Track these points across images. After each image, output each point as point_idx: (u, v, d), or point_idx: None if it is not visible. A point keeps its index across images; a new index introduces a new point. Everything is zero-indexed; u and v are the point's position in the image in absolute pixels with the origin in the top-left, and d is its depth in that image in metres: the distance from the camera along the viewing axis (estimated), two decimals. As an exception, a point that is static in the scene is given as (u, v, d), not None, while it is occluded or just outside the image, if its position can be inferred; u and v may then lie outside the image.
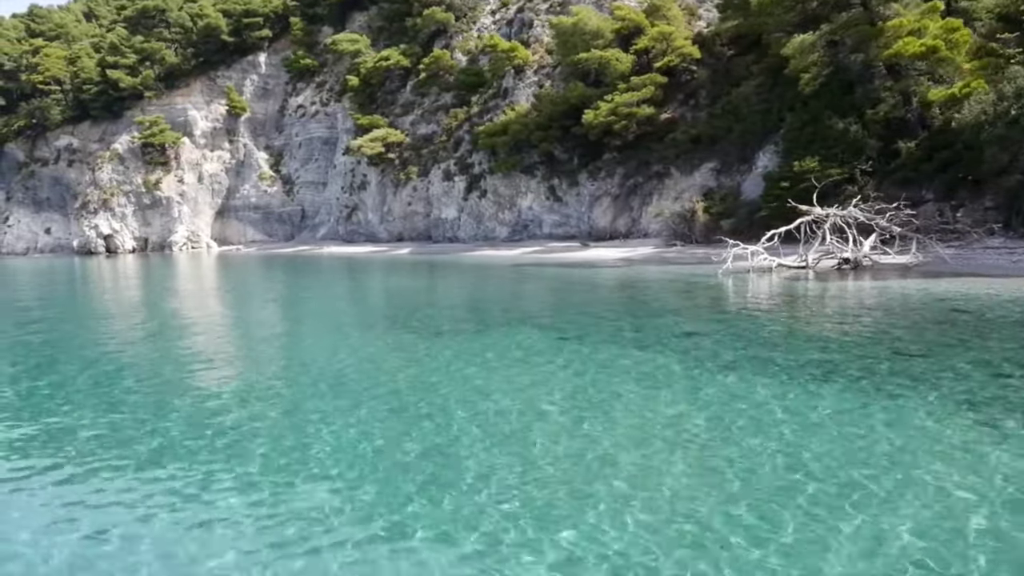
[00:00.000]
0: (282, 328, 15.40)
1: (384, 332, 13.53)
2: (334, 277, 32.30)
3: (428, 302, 19.64)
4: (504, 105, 49.08)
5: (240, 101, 76.72)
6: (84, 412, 8.30)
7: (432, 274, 30.31)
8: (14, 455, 6.94)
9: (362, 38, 67.63)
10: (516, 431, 7.02)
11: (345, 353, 11.44)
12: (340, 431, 7.13)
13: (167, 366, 10.99)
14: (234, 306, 20.21)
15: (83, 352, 12.54)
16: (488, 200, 47.82)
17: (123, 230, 75.91)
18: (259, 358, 11.51)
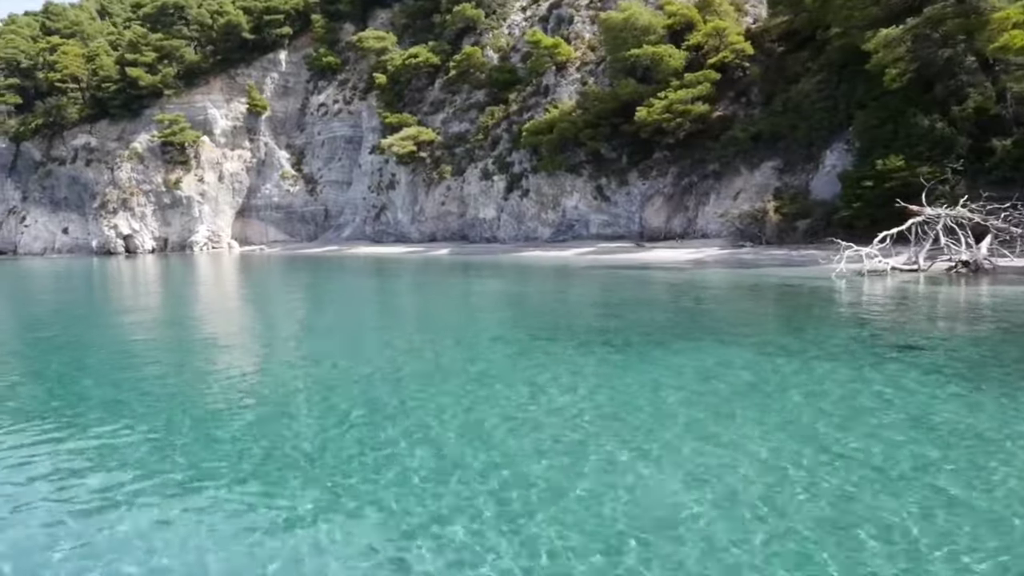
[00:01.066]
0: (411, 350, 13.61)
1: (572, 350, 11.92)
2: (389, 281, 30.56)
3: (547, 310, 17.77)
4: (545, 103, 47.51)
5: (261, 99, 74.91)
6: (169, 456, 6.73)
7: (505, 277, 28.53)
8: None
9: (388, 35, 65.93)
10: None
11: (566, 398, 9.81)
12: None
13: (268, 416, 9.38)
14: (303, 327, 16.87)
15: (123, 374, 10.96)
16: (530, 200, 46.24)
17: (143, 230, 74.06)
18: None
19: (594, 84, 45.44)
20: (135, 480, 6.19)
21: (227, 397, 9.16)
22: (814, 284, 20.39)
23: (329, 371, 10.59)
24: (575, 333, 13.26)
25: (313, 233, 71.49)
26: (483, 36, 60.59)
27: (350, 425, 7.63)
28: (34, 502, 5.89)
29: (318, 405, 8.54)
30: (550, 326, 14.46)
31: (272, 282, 32.66)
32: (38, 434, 7.71)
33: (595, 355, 11.08)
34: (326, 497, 5.70)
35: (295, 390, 9.38)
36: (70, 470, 6.58)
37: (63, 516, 5.59)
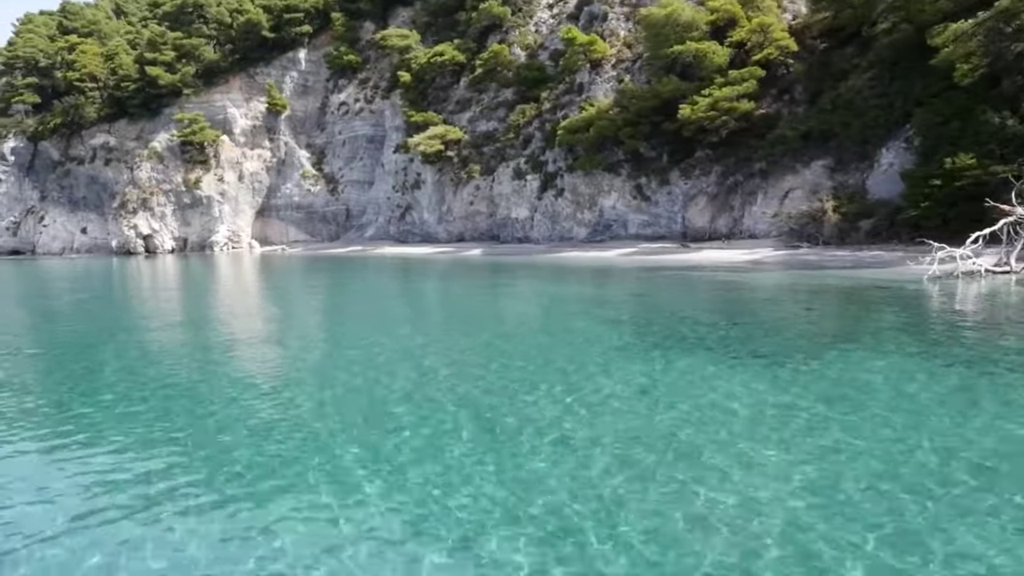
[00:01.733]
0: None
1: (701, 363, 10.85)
2: (435, 283, 29.50)
3: (645, 316, 16.60)
4: (580, 101, 46.42)
5: (280, 99, 73.85)
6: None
7: (563, 280, 27.46)
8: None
9: (412, 33, 64.85)
10: None
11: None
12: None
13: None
14: (352, 335, 15.65)
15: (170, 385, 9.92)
16: (565, 199, 45.18)
17: (162, 230, 73.06)
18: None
19: (630, 82, 44.34)
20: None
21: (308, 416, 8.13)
22: (911, 287, 19.32)
23: (431, 407, 9.52)
24: (707, 343, 12.20)
25: (335, 233, 70.43)
26: (509, 34, 59.48)
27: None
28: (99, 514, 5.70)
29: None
30: (673, 335, 13.38)
31: (304, 284, 31.51)
32: (100, 453, 7.19)
33: (754, 369, 10.02)
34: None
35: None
36: (136, 495, 6.14)
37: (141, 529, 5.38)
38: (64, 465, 6.93)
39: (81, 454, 7.22)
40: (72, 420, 8.58)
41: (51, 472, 6.80)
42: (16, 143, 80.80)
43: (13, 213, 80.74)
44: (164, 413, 8.68)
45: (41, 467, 7.01)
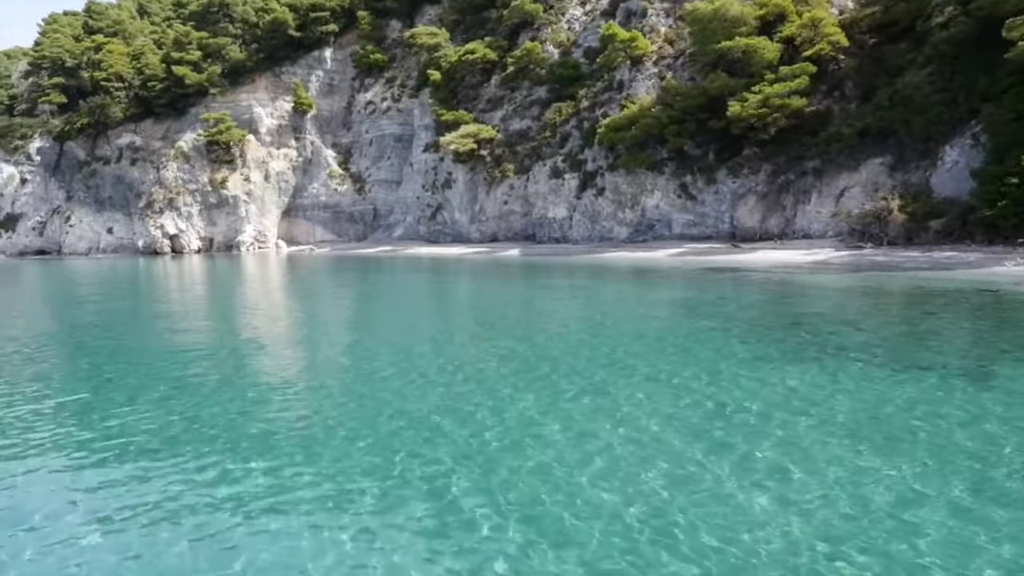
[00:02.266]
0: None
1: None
2: (488, 285, 28.54)
3: (748, 322, 15.43)
4: (620, 99, 45.38)
5: (307, 98, 73.18)
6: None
7: (622, 280, 26.50)
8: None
9: (441, 31, 63.97)
10: None
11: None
12: None
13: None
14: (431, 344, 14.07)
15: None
16: (606, 199, 44.17)
17: (189, 230, 72.56)
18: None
19: (673, 79, 43.26)
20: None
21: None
22: (1019, 290, 18.28)
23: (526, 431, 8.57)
24: (850, 350, 11.21)
25: (362, 233, 69.70)
26: (541, 31, 58.50)
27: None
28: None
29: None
30: (806, 342, 12.40)
31: (345, 288, 30.59)
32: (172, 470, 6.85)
33: (931, 381, 9.04)
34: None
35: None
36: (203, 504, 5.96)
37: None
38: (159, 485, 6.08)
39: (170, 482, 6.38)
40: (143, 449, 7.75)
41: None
42: (42, 143, 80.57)
43: (39, 213, 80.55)
44: (251, 440, 7.81)
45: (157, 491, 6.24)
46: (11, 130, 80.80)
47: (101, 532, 5.70)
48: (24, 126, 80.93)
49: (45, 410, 9.48)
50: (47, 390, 10.64)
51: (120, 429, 8.38)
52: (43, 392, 10.50)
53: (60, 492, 6.47)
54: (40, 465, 7.27)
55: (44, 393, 10.44)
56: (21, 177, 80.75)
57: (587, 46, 55.16)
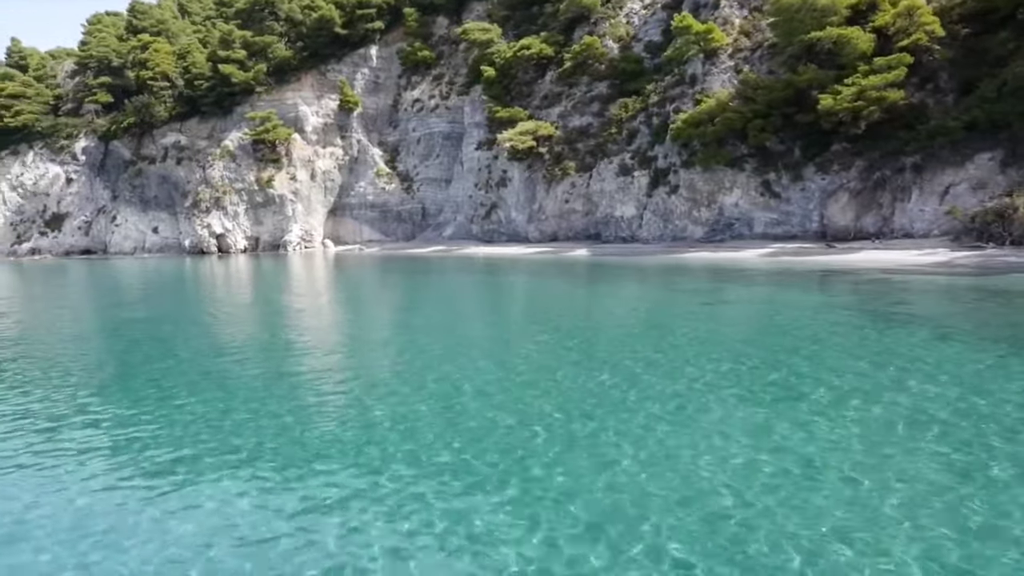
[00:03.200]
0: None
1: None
2: (576, 288, 26.88)
3: (970, 332, 13.61)
4: (693, 93, 43.59)
5: (353, 96, 72.01)
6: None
7: (727, 281, 24.73)
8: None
9: (493, 27, 62.45)
10: None
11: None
12: None
13: None
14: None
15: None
16: (680, 197, 42.40)
17: (235, 229, 71.69)
18: None
19: (750, 72, 41.41)
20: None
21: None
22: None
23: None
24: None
25: (410, 232, 68.40)
26: (598, 26, 56.80)
27: None
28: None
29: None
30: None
31: (413, 289, 28.98)
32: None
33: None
34: None
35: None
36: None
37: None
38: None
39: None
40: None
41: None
42: (87, 143, 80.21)
43: (84, 213, 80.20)
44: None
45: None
46: (56, 130, 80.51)
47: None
48: (69, 126, 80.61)
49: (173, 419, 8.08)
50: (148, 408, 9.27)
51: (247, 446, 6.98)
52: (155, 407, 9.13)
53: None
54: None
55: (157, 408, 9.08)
56: (67, 177, 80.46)
57: (648, 40, 53.50)
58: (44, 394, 10.65)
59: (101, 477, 7.09)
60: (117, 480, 7.00)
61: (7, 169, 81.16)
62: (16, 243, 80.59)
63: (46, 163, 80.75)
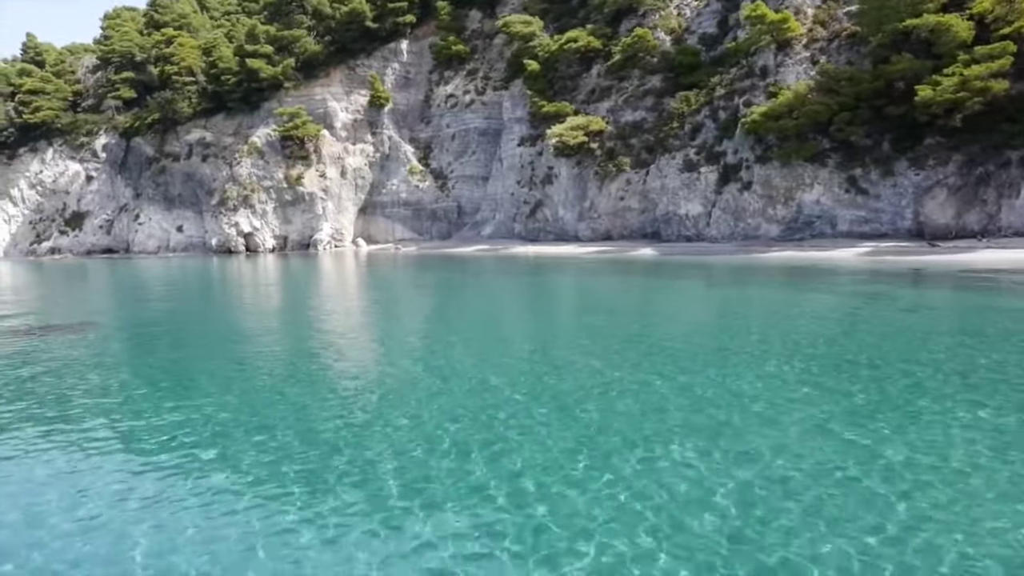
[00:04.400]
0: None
1: None
2: (702, 294, 24.44)
3: None
4: (764, 85, 41.27)
5: (384, 91, 69.44)
6: None
7: (916, 290, 22.23)
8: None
9: (535, 20, 59.97)
10: None
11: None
12: None
13: None
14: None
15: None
16: (753, 194, 40.08)
17: (263, 228, 69.11)
18: None
19: (827, 63, 39.11)
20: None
21: None
22: None
23: None
24: None
25: (446, 231, 65.91)
26: (646, 18, 54.43)
27: None
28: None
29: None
30: None
31: (471, 295, 26.38)
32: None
33: None
34: None
35: None
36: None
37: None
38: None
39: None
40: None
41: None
42: (108, 139, 77.46)
43: (105, 211, 77.45)
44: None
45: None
46: (76, 126, 77.74)
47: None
48: (89, 122, 77.82)
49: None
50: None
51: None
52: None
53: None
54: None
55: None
56: (87, 174, 77.70)
57: (702, 32, 51.22)
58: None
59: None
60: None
61: (25, 167, 78.37)
62: (35, 242, 77.84)
63: (65, 160, 78.00)
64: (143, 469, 7.08)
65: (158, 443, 7.84)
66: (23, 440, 8.09)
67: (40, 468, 7.17)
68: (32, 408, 9.42)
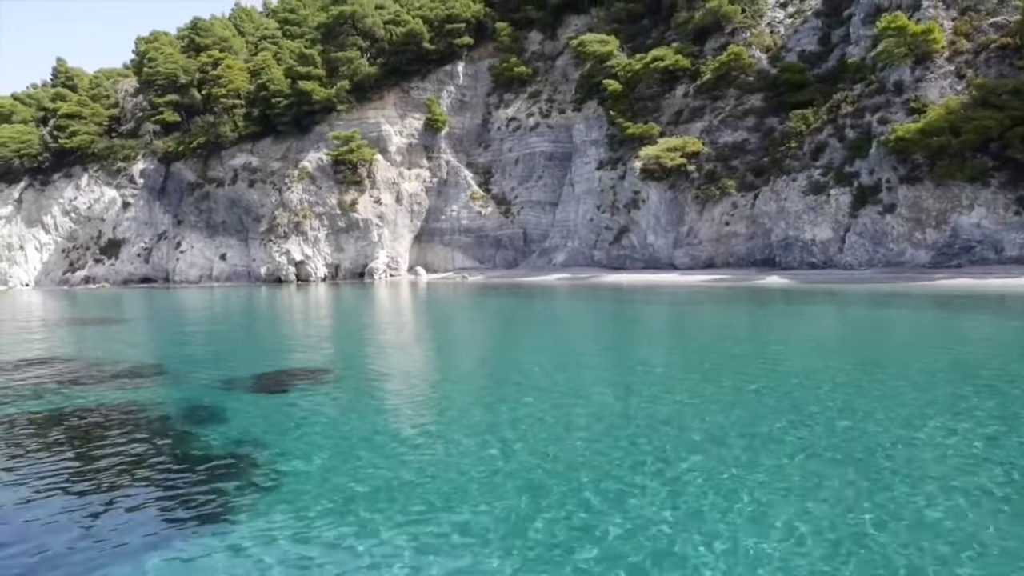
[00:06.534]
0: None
1: None
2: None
3: None
4: (900, 102, 37.69)
5: (441, 114, 65.68)
6: None
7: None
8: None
9: (611, 39, 56.57)
10: None
11: None
12: None
13: None
14: None
15: None
16: (897, 216, 36.19)
17: (315, 256, 64.66)
18: None
19: (975, 76, 35.61)
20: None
21: None
22: None
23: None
24: None
25: (512, 259, 61.63)
26: (735, 36, 51.21)
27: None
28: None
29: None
30: None
31: (625, 336, 22.08)
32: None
33: None
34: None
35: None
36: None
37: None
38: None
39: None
40: None
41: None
42: (146, 165, 73.09)
43: (143, 239, 72.78)
44: None
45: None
46: (113, 151, 73.36)
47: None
48: (127, 147, 73.51)
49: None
50: None
51: None
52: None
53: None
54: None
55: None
56: (123, 201, 73.15)
57: (801, 49, 48.01)
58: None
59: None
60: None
61: (59, 193, 73.73)
62: (68, 271, 72.91)
63: (101, 186, 73.47)
64: None
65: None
66: None
67: None
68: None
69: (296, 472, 7.60)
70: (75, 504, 6.87)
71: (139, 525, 6.26)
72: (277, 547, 5.65)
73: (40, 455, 8.66)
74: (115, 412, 11.10)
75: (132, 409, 11.24)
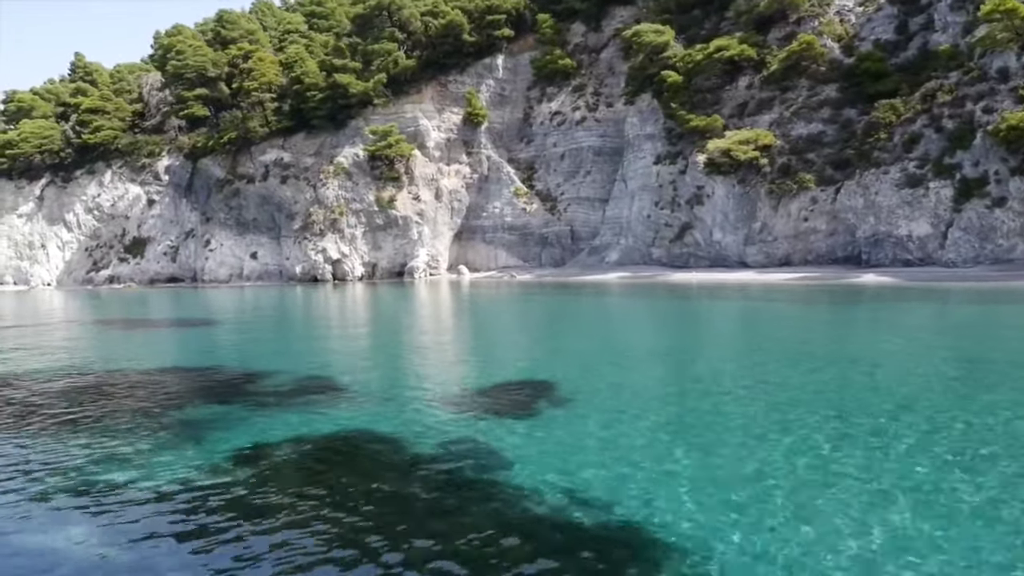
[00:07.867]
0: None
1: None
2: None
3: None
4: (1006, 89, 35.14)
5: (481, 108, 62.78)
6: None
7: None
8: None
9: (667, 29, 53.84)
10: None
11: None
12: None
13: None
14: None
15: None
16: (1008, 211, 33.65)
17: (352, 254, 61.66)
18: None
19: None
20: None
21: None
22: None
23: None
24: None
25: (559, 257, 58.77)
26: (800, 25, 48.61)
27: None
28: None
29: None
30: None
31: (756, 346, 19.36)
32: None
33: None
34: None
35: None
36: None
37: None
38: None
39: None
40: None
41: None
42: (171, 161, 69.96)
43: (169, 237, 69.57)
44: None
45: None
46: (136, 147, 70.19)
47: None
48: (151, 143, 70.35)
49: None
50: None
51: None
52: None
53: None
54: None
55: None
56: (148, 198, 69.95)
57: (876, 38, 45.41)
58: None
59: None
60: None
61: (82, 190, 70.44)
62: (92, 270, 69.60)
63: (125, 183, 70.26)
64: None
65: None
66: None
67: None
68: None
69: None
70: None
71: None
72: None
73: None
74: (366, 443, 8.23)
75: (404, 443, 8.36)
